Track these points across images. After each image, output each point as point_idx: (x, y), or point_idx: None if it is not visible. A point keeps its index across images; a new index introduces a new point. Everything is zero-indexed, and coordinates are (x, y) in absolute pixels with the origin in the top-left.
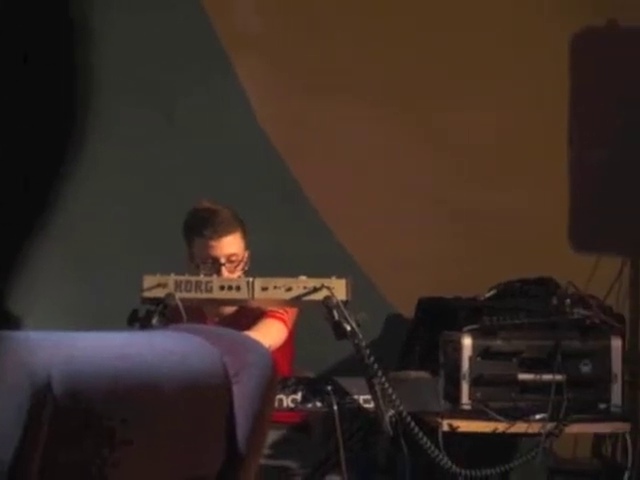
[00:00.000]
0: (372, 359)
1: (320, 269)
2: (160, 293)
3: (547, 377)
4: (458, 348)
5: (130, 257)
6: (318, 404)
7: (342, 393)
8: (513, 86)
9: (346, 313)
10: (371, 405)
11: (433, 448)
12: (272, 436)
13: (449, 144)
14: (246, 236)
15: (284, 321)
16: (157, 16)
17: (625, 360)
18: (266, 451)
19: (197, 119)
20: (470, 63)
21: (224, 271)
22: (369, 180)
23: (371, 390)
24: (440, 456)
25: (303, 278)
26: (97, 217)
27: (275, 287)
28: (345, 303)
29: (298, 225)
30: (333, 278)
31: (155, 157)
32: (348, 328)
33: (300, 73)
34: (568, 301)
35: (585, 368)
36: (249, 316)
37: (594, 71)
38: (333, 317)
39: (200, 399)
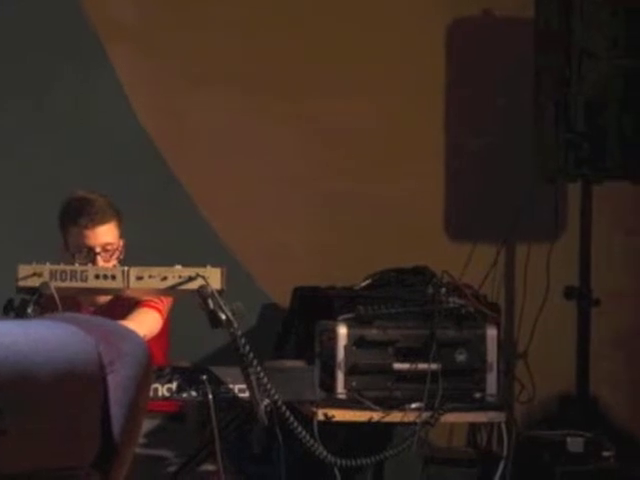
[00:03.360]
0: (247, 348)
1: (195, 258)
2: (35, 282)
3: (422, 366)
4: (333, 337)
5: (4, 246)
6: (193, 393)
7: (217, 382)
8: (391, 74)
9: (221, 302)
10: (246, 394)
11: (308, 437)
12: (147, 425)
13: (325, 133)
14: (121, 225)
15: (159, 310)
16: (30, 4)
17: (500, 349)
18: (141, 440)
19: (72, 109)
20: (347, 51)
21: (99, 260)
22: (245, 169)
23: (246, 379)
24: (315, 445)
25: (178, 267)
26: None
27: (150, 276)
28: (220, 292)
29: (173, 214)
30: (208, 267)
31: (29, 147)
32: (223, 317)
33: (175, 63)
34: (443, 290)
35: (460, 357)
36: (124, 305)
37: (470, 59)
38: (208, 306)
39: (75, 388)
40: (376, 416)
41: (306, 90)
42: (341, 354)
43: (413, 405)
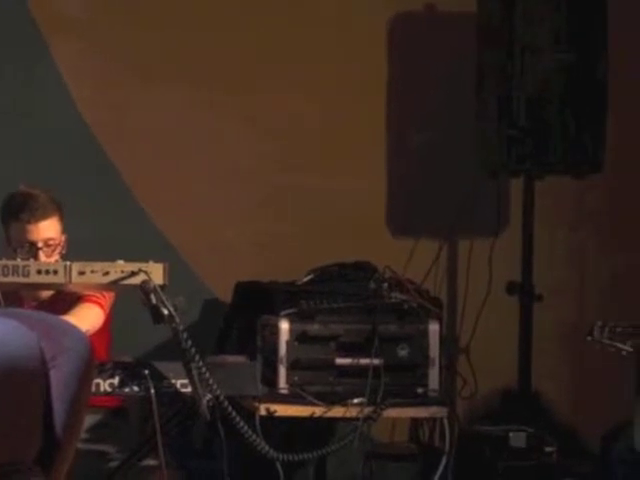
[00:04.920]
0: (189, 343)
1: (137, 253)
2: None
3: (364, 361)
4: (275, 332)
5: None
6: (135, 388)
7: (159, 377)
8: (333, 70)
9: (163, 297)
10: (188, 389)
11: (250, 432)
12: (89, 420)
13: (268, 128)
14: (63, 220)
15: (101, 305)
16: None
17: (442, 344)
18: (83, 435)
19: (13, 102)
20: (291, 47)
21: (41, 255)
22: (188, 164)
23: (188, 374)
24: (257, 440)
25: (120, 262)
26: None
27: (92, 271)
28: (162, 287)
29: (116, 209)
30: (150, 262)
31: None
32: (165, 312)
33: (120, 57)
34: (385, 285)
35: (402, 352)
36: (66, 300)
37: (412, 55)
38: (150, 301)
39: (17, 384)
40: (318, 411)
41: (249, 86)
42: (283, 349)
43: (355, 400)
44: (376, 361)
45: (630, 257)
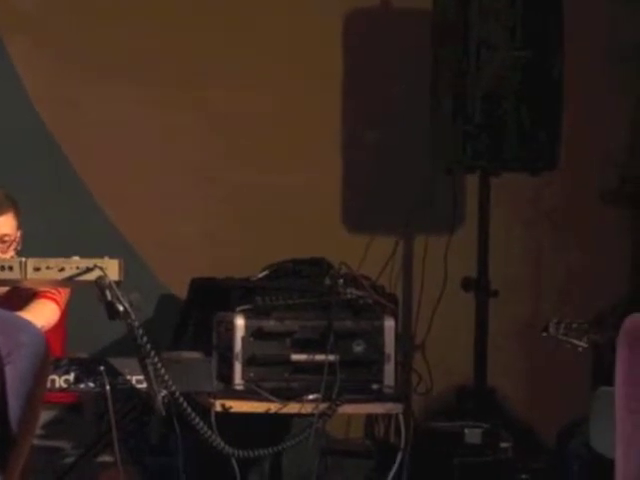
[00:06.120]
0: (145, 339)
1: (93, 250)
2: None
3: (320, 357)
4: (231, 328)
5: None
6: (91, 384)
7: (115, 373)
8: (288, 65)
9: (119, 293)
10: (144, 385)
11: (205, 428)
12: (44, 416)
13: (222, 124)
14: (19, 216)
15: (57, 301)
16: None
17: (398, 340)
18: (38, 431)
19: None
20: (246, 42)
21: None
22: (143, 160)
23: (144, 370)
24: (212, 436)
25: (76, 258)
26: None
27: (48, 267)
28: (118, 283)
29: (71, 206)
30: (106, 258)
31: None
32: (121, 308)
33: (74, 53)
34: (341, 281)
35: (358, 348)
36: (22, 296)
37: (368, 50)
38: (106, 297)
39: None
40: (273, 407)
41: (203, 82)
42: (238, 345)
43: (311, 396)
44: (331, 357)
45: (585, 254)
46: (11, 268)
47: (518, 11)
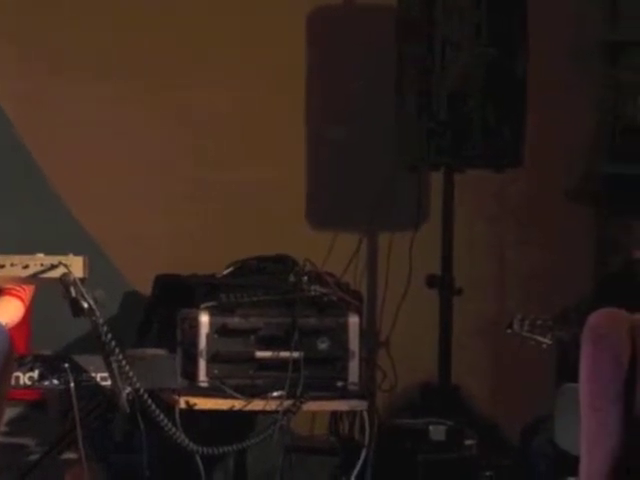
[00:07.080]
0: (109, 336)
1: (57, 246)
2: None
3: (284, 354)
4: (195, 325)
5: None
6: (55, 382)
7: (79, 371)
8: (251, 61)
9: (83, 290)
10: (108, 383)
11: (170, 425)
12: (8, 413)
13: (187, 120)
14: None
15: (21, 298)
16: None
17: (362, 337)
18: (2, 429)
19: None
20: (210, 42)
21: None
22: (106, 157)
23: (108, 368)
24: (177, 433)
25: (40, 255)
26: None
27: (12, 264)
28: (82, 280)
29: (35, 202)
30: (70, 255)
31: None
32: (85, 305)
33: (40, 51)
34: (305, 278)
35: (322, 345)
36: None
37: (331, 47)
38: (70, 294)
39: None
40: (238, 404)
41: (167, 79)
42: (203, 342)
43: (275, 393)
44: (296, 354)
45: (549, 251)
46: None
47: (483, 9)
